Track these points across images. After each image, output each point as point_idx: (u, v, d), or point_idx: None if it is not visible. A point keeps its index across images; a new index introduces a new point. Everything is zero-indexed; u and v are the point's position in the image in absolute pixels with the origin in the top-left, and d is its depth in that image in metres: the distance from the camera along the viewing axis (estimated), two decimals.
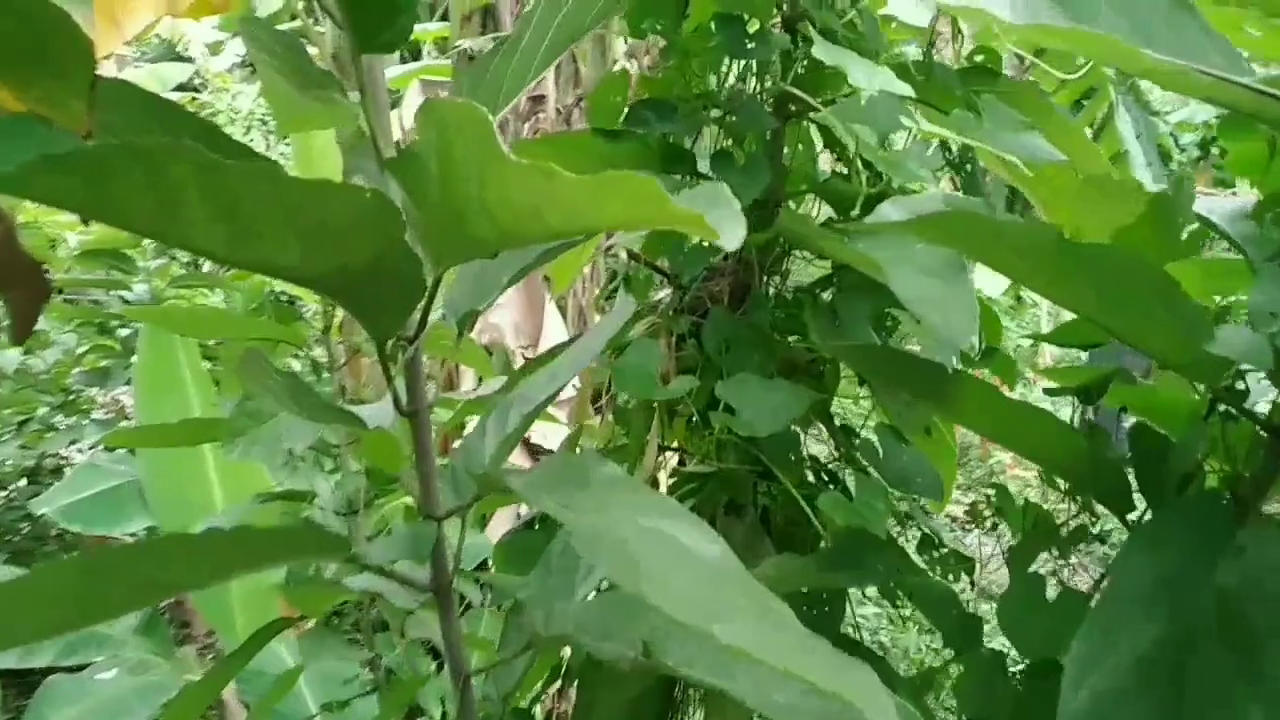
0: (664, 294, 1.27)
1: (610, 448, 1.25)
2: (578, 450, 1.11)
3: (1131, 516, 0.87)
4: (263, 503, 1.61)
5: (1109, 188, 1.07)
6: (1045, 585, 0.87)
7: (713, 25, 1.10)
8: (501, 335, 4.05)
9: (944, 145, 1.14)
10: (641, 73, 1.31)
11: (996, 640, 0.99)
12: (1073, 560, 1.13)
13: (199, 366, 2.69)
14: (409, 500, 1.81)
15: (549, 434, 3.13)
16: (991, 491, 1.21)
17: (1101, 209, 1.13)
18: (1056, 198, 1.25)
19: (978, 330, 0.84)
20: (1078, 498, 1.07)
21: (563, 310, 3.77)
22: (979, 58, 1.18)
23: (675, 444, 1.27)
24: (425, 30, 5.15)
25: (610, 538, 0.67)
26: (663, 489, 1.22)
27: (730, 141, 1.16)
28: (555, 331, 3.64)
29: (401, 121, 4.18)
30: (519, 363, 3.67)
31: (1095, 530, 1.08)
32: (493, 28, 3.60)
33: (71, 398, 3.52)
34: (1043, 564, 1.14)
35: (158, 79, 5.88)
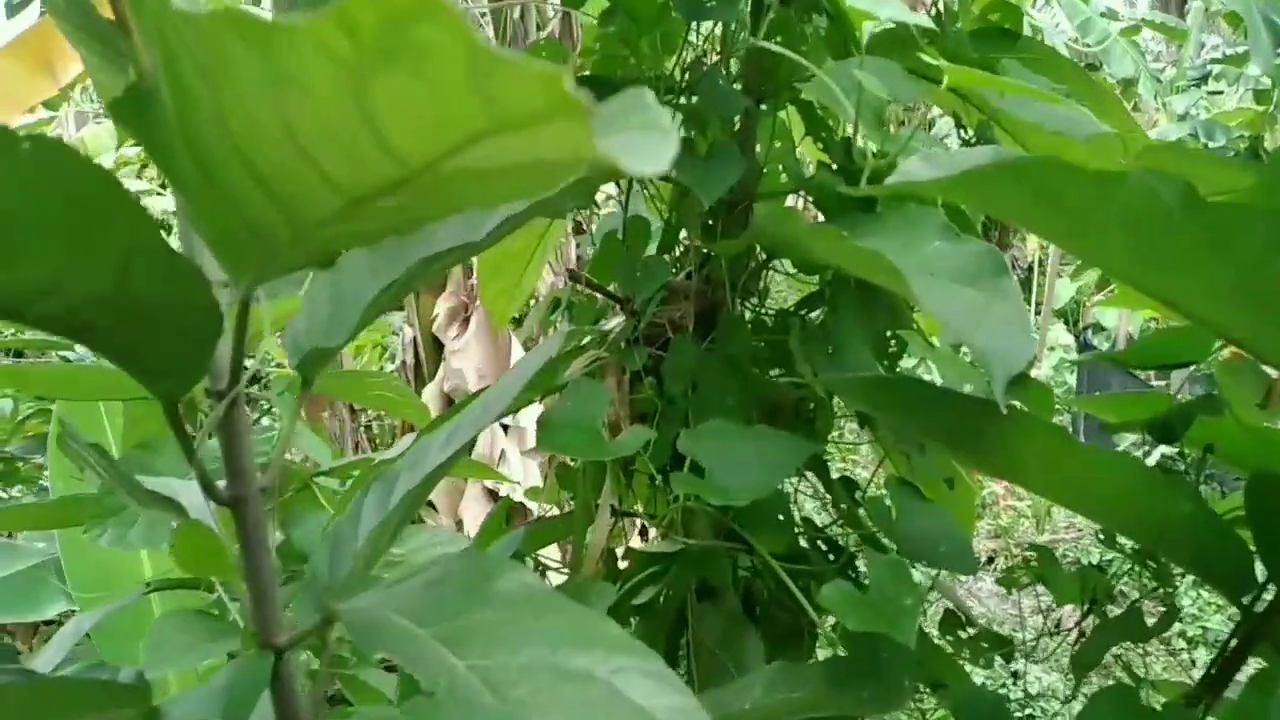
0: (616, 322, 1.02)
1: (553, 518, 0.99)
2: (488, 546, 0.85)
3: (1247, 599, 0.63)
4: (153, 591, 1.35)
5: (1178, 155, 0.84)
6: (1138, 701, 0.62)
7: None
8: (464, 382, 3.80)
9: (957, 122, 0.91)
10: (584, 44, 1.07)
11: None
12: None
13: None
14: None
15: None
16: (1029, 552, 0.97)
17: None
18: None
19: (1034, 352, 0.60)
20: (1150, 562, 0.83)
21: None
22: (994, 16, 0.95)
23: (638, 508, 1.03)
24: None
25: (515, 697, 0.43)
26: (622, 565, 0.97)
27: (691, 128, 0.92)
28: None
29: None
30: None
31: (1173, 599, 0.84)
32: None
33: (13, 467, 3.25)
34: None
35: (115, 135, 5.69)
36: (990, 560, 4.90)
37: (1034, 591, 1.02)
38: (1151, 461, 1.00)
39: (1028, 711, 3.43)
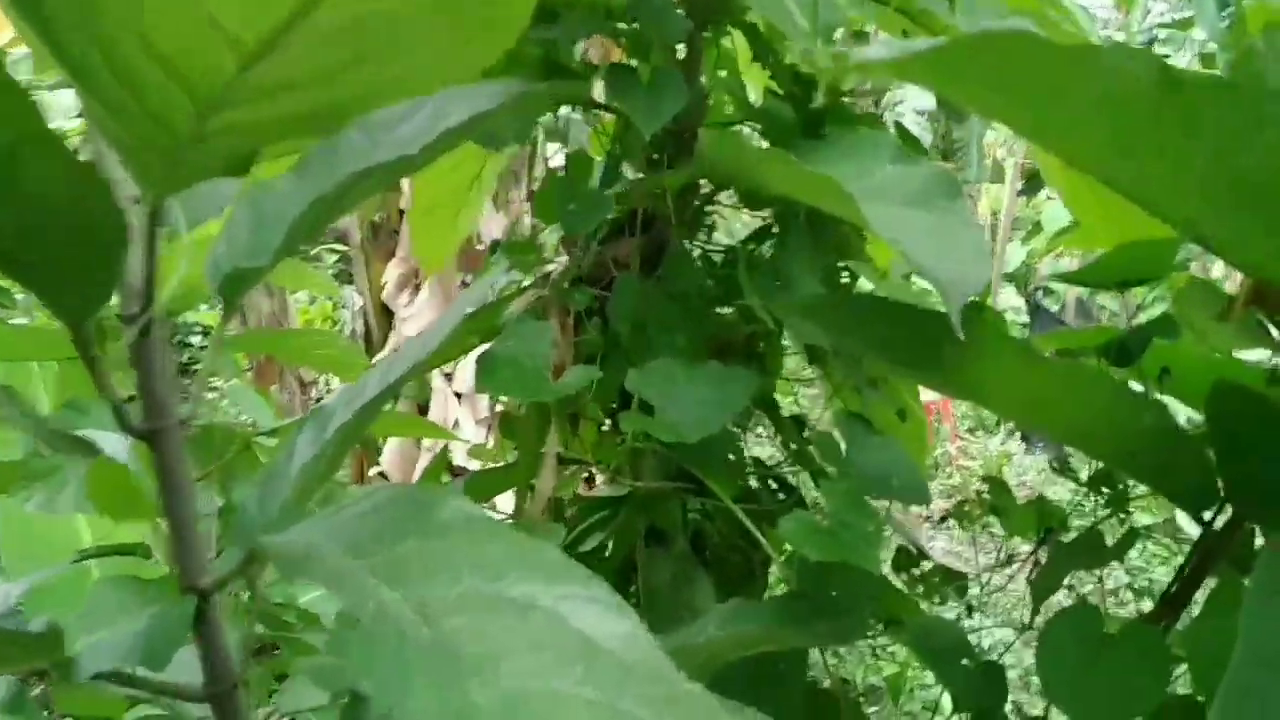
0: (559, 263, 0.99)
1: (496, 468, 0.96)
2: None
3: (1208, 515, 0.61)
4: (87, 558, 1.30)
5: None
6: (1100, 621, 0.60)
7: None
8: None
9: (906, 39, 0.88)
10: None
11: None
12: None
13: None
14: None
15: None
16: (981, 486, 0.96)
17: None
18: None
19: (989, 276, 0.58)
20: (1104, 488, 0.82)
21: None
22: None
23: (584, 455, 1.00)
24: None
25: (450, 627, 0.41)
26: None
27: (632, 54, 0.89)
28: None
29: None
30: (438, 381, 3.36)
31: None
32: None
33: None
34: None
35: None
36: (944, 519, 4.95)
37: (990, 547, 1.01)
38: None
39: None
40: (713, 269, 0.95)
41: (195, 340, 5.71)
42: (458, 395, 3.38)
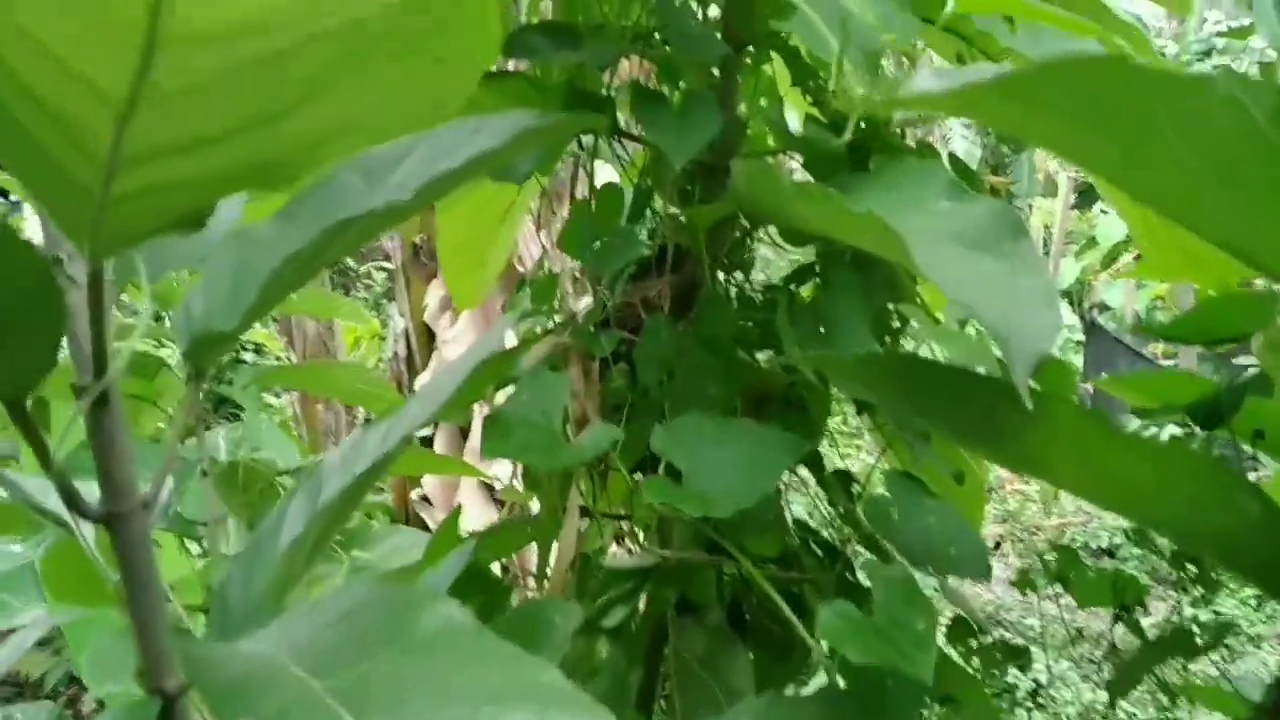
0: (585, 302, 0.92)
1: (518, 521, 0.90)
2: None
3: None
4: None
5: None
6: None
7: None
8: None
9: (961, 64, 0.80)
10: None
11: None
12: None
13: None
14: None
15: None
16: (1049, 553, 0.87)
17: None
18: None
19: (1061, 329, 0.50)
20: (1189, 565, 0.73)
21: None
22: None
23: (611, 509, 0.93)
24: None
25: None
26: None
27: (663, 79, 0.82)
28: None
29: None
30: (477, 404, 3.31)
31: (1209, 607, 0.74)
32: None
33: None
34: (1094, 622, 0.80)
35: None
36: (997, 545, 4.80)
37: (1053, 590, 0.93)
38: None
39: (1038, 700, 3.33)
40: (750, 309, 0.88)
41: (249, 358, 5.70)
42: None
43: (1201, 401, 0.64)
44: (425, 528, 3.58)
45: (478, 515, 3.49)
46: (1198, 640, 0.61)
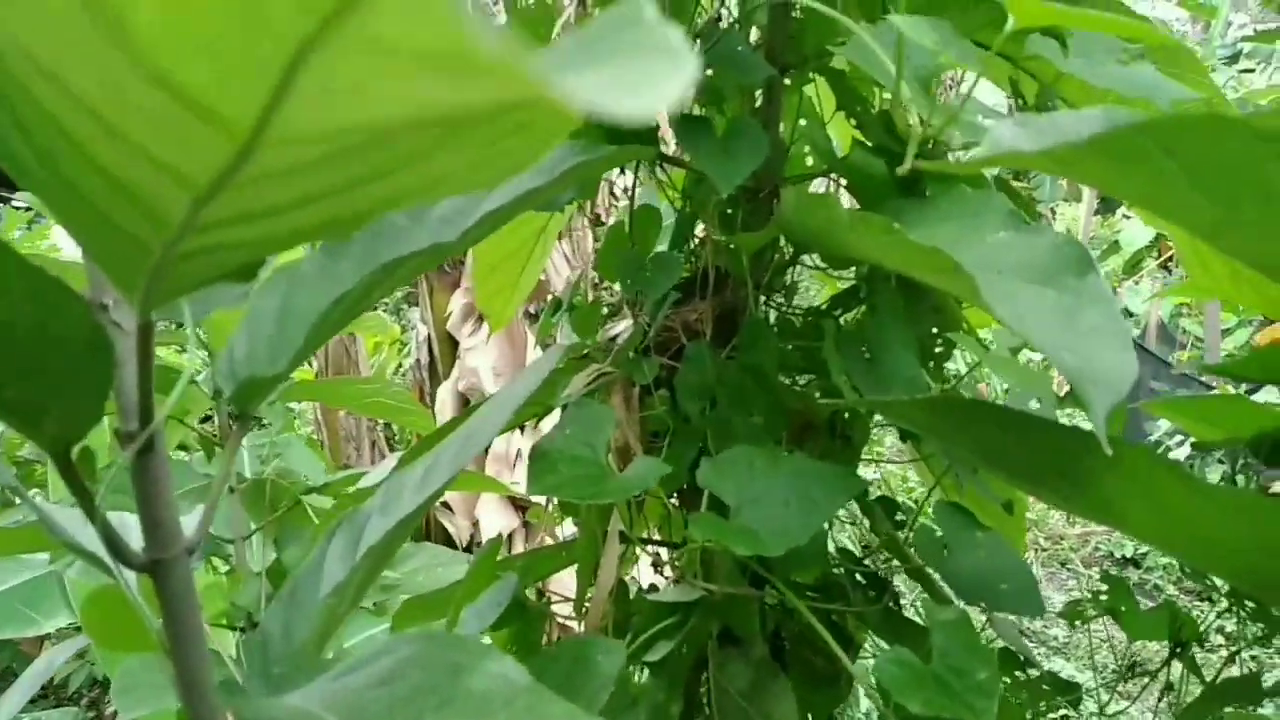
0: (623, 327, 0.91)
1: (554, 547, 0.88)
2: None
3: None
4: None
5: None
6: None
7: None
8: (479, 381, 3.69)
9: (1015, 89, 0.79)
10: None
11: None
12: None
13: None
14: None
15: None
16: (1100, 585, 0.85)
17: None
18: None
19: (1136, 368, 0.48)
20: (1245, 604, 0.71)
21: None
22: None
23: (650, 533, 0.92)
24: None
25: None
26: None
27: (705, 103, 0.81)
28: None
29: None
30: None
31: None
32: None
33: (30, 470, 3.17)
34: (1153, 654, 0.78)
35: None
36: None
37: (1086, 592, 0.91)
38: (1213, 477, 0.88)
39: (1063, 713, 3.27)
40: (794, 336, 0.86)
41: None
42: (520, 426, 3.31)
43: (1264, 436, 0.62)
44: (446, 534, 3.57)
45: (498, 520, 3.47)
46: (1262, 687, 0.59)
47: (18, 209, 3.97)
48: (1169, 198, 0.35)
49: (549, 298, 2.66)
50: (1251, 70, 7.68)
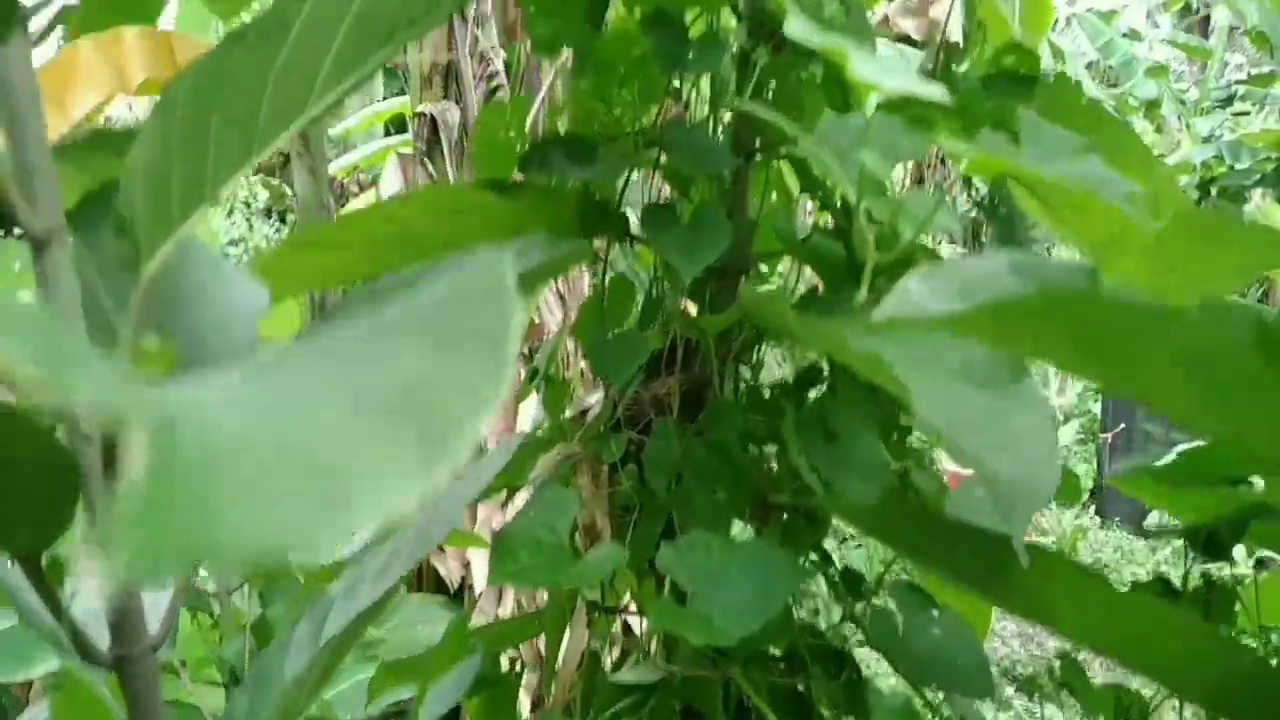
0: (595, 399, 0.93)
1: (520, 618, 0.90)
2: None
3: None
4: None
5: (1210, 228, 0.75)
6: None
7: (640, 29, 0.79)
8: None
9: (967, 182, 0.81)
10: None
11: None
12: None
13: None
14: None
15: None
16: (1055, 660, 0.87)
17: (1196, 257, 0.81)
18: (1118, 248, 0.93)
19: (1058, 480, 0.51)
20: None
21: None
22: (1008, 60, 0.86)
23: (619, 601, 0.93)
24: (378, 111, 4.88)
25: None
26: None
27: (673, 190, 0.84)
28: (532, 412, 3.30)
29: (379, 197, 3.88)
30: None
31: None
32: (455, 90, 3.27)
33: None
34: None
35: None
36: None
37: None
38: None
39: None
40: (759, 406, 0.89)
41: None
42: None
43: (1199, 528, 0.64)
44: (437, 576, 3.57)
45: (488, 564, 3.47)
46: None
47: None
48: (1057, 358, 0.38)
49: (544, 337, 2.68)
50: (1246, 113, 7.75)
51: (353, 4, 0.50)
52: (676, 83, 0.84)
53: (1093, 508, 5.32)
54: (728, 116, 0.89)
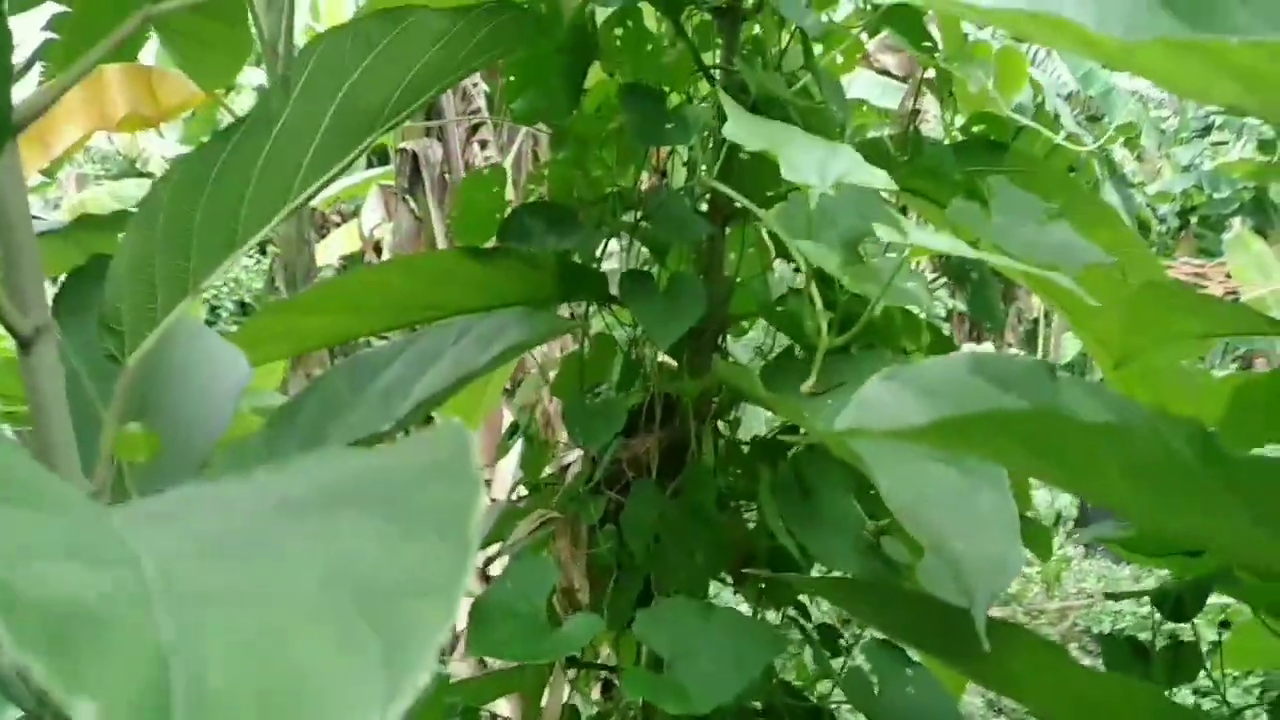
0: (575, 456, 0.94)
1: (500, 672, 0.91)
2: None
3: None
4: None
5: (1176, 299, 0.77)
6: None
7: (618, 101, 0.81)
8: None
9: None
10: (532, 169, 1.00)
11: None
12: None
13: None
14: None
15: None
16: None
17: (1163, 323, 0.83)
18: (1085, 310, 0.95)
19: (1021, 561, 0.52)
20: None
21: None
22: (978, 128, 0.88)
23: (598, 658, 0.94)
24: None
25: None
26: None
27: (651, 255, 0.85)
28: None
29: (361, 229, 3.88)
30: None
31: None
32: (437, 130, 3.29)
33: None
34: None
35: (116, 197, 5.70)
36: None
37: None
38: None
39: None
40: (738, 460, 0.90)
41: None
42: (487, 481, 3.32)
43: (1165, 593, 0.66)
44: None
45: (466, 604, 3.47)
46: None
47: None
48: (1013, 465, 0.39)
49: (529, 373, 2.68)
50: (1225, 143, 7.85)
51: (335, 100, 0.52)
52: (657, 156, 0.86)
53: (1076, 538, 5.34)
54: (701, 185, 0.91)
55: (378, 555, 0.19)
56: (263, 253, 7.76)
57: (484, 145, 3.10)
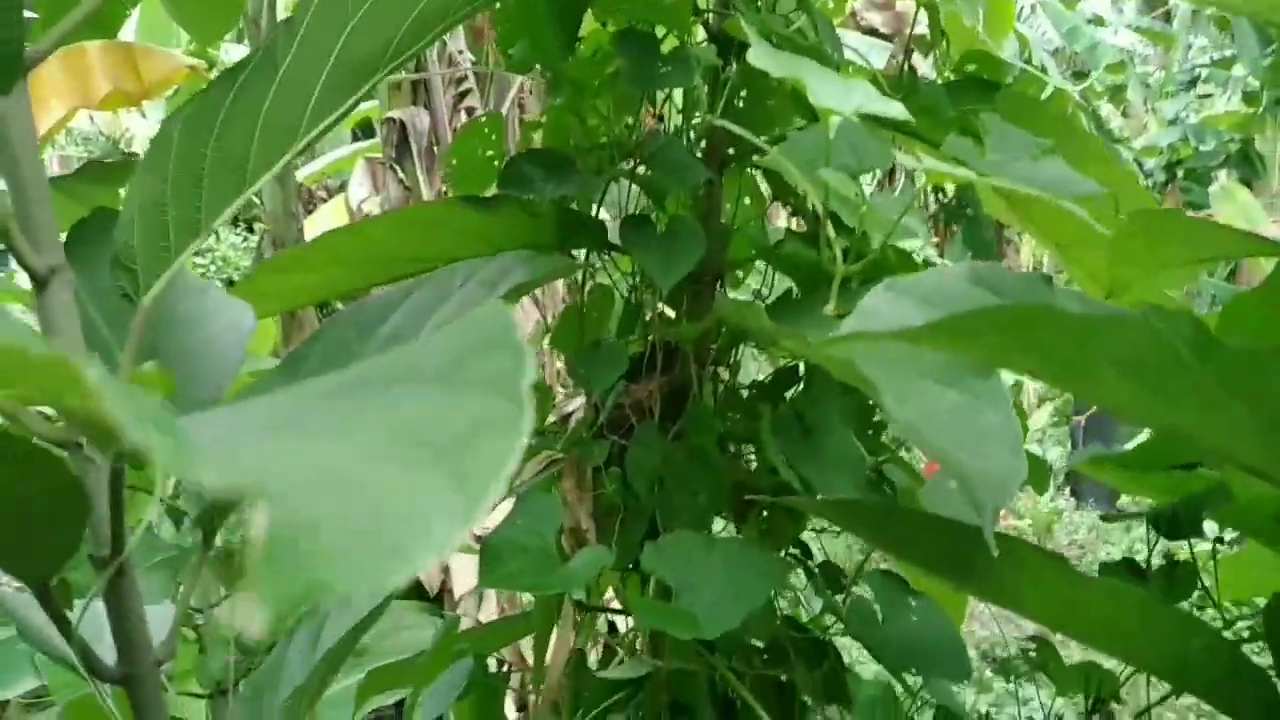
0: (578, 404, 0.96)
1: (511, 617, 0.92)
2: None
3: None
4: None
5: (1164, 224, 0.78)
6: None
7: (613, 46, 0.81)
8: None
9: (936, 186, 0.84)
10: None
11: None
12: None
13: None
14: None
15: None
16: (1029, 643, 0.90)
17: (1151, 252, 0.84)
18: (1081, 243, 0.97)
19: (1025, 472, 0.53)
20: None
21: None
22: (971, 66, 0.89)
23: (605, 601, 0.96)
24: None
25: None
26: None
27: (649, 201, 0.86)
28: None
29: (349, 202, 3.87)
30: None
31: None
32: (425, 98, 3.27)
33: None
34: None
35: None
36: None
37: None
38: None
39: None
40: (739, 406, 0.91)
41: None
42: None
43: (1159, 512, 0.67)
44: (418, 584, 3.58)
45: (469, 566, 3.49)
46: None
47: None
48: (1010, 364, 0.41)
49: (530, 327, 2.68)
50: (1210, 95, 7.84)
51: (335, 47, 0.53)
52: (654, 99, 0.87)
53: (1068, 489, 5.39)
54: (698, 129, 0.91)
55: (438, 412, 0.20)
56: (250, 230, 7.72)
57: (471, 113, 3.09)
